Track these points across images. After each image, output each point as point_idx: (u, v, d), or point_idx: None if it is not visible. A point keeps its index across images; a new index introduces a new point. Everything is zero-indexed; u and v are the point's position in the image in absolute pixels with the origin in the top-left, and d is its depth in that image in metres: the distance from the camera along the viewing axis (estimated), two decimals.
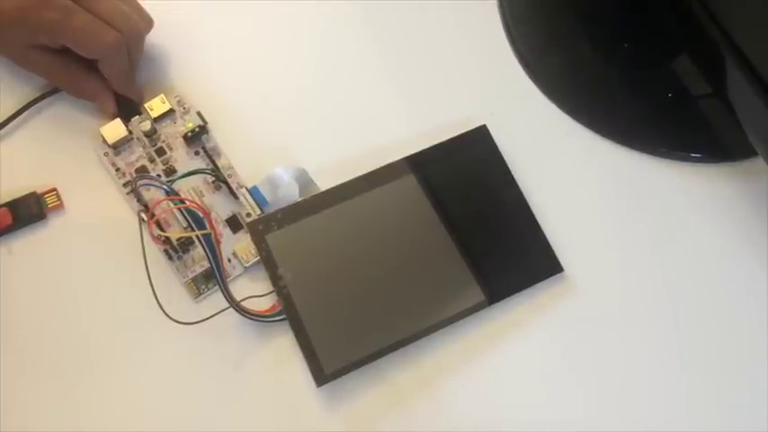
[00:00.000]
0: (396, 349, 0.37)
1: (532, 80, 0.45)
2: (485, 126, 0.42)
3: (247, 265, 0.39)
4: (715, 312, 0.40)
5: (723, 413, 0.37)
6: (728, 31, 0.35)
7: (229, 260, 0.39)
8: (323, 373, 0.36)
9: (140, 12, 0.41)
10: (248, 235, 0.39)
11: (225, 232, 0.40)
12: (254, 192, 0.40)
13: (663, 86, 0.45)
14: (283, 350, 0.37)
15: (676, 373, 0.38)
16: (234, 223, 0.40)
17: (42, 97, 0.42)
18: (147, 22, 0.42)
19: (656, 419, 0.37)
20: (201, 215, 0.35)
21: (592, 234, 0.41)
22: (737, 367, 0.38)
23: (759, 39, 0.34)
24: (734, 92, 0.38)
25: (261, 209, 0.39)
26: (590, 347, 0.39)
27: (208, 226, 0.35)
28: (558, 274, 0.39)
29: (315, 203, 0.39)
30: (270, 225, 0.38)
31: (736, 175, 0.43)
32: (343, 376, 0.36)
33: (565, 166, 0.43)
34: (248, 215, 0.40)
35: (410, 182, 0.40)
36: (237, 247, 0.39)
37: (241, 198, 0.40)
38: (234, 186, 0.40)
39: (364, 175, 0.40)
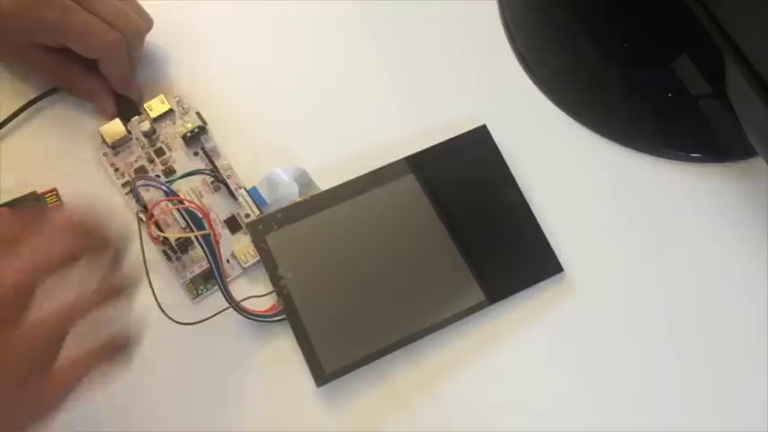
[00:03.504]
0: (396, 349, 0.37)
1: (532, 80, 0.45)
2: (485, 126, 0.42)
3: (246, 265, 0.39)
4: (715, 312, 0.40)
5: (723, 413, 0.37)
6: (728, 30, 0.35)
7: (228, 261, 0.39)
8: (323, 373, 0.36)
9: (140, 12, 0.41)
10: (247, 236, 0.39)
11: (223, 233, 0.40)
12: (253, 192, 0.40)
13: (663, 86, 0.45)
14: (283, 350, 0.37)
15: (676, 372, 0.38)
16: (232, 224, 0.40)
17: (42, 97, 0.42)
18: (147, 22, 0.42)
19: (656, 419, 0.37)
20: (200, 216, 0.35)
21: (592, 234, 0.41)
22: (737, 367, 0.38)
23: (759, 39, 0.34)
24: (734, 92, 0.38)
25: (260, 209, 0.39)
26: (590, 347, 0.39)
27: (207, 226, 0.35)
28: (558, 274, 0.39)
29: (315, 203, 0.39)
30: (270, 225, 0.38)
31: (736, 175, 0.43)
32: (344, 376, 0.36)
33: (565, 166, 0.43)
34: (247, 216, 0.39)
35: (410, 182, 0.40)
36: (236, 247, 0.39)
37: (240, 199, 0.40)
38: (233, 187, 0.40)
39: (364, 175, 0.40)
